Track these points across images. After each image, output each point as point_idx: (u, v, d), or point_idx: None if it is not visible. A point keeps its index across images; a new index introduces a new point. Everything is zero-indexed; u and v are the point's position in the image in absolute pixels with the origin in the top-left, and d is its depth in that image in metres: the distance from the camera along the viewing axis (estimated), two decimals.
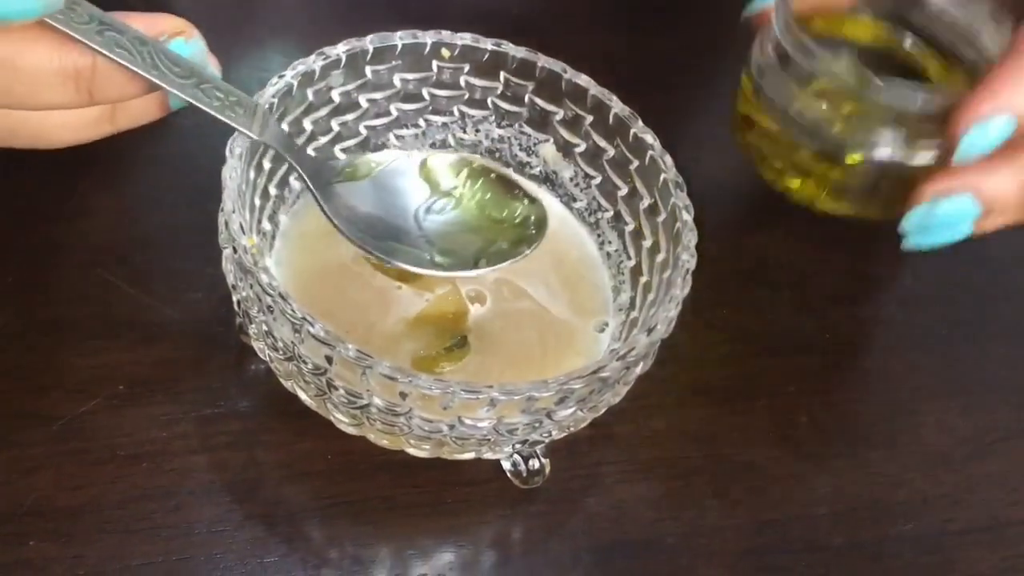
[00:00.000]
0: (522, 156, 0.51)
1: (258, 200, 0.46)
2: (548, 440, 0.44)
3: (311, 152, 0.48)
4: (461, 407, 0.40)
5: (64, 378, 0.46)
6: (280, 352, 0.42)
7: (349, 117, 0.49)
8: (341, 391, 0.41)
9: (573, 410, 0.42)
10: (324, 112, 0.48)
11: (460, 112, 0.50)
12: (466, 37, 0.48)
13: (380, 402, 0.40)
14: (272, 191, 0.47)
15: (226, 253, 0.43)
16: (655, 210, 0.47)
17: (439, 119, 0.50)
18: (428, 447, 0.43)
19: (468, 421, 0.41)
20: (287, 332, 0.40)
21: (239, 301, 0.43)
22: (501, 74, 0.49)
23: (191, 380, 0.47)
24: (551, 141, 0.50)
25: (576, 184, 0.50)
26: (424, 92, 0.50)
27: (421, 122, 0.50)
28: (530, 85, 0.49)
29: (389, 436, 0.43)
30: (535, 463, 0.45)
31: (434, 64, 0.49)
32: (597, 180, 0.50)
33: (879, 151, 0.50)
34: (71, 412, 0.45)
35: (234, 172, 0.42)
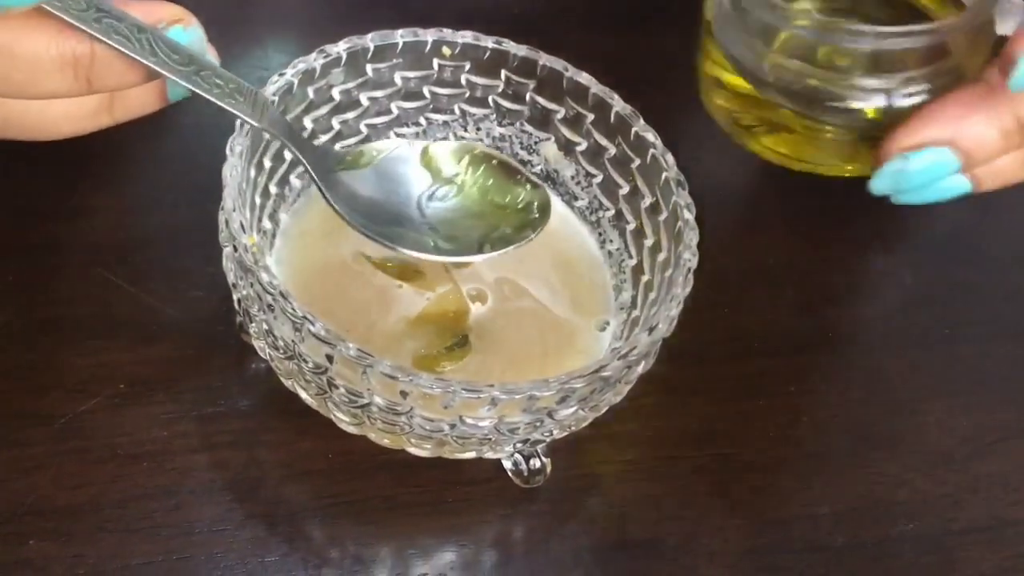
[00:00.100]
0: (523, 154, 0.51)
1: (258, 198, 0.46)
2: (549, 439, 0.44)
3: None
4: (462, 406, 0.40)
5: (64, 377, 0.46)
6: (281, 351, 0.42)
7: (350, 115, 0.49)
8: (342, 390, 0.41)
9: (574, 409, 0.42)
10: (325, 110, 0.48)
11: (461, 110, 0.50)
12: (467, 35, 0.48)
13: (381, 401, 0.40)
14: (273, 189, 0.47)
15: (226, 252, 0.43)
16: (656, 209, 0.47)
17: (440, 117, 0.50)
18: (429, 446, 0.43)
19: (469, 420, 0.40)
20: (288, 331, 0.40)
21: (239, 300, 0.43)
22: (502, 72, 0.49)
23: (191, 379, 0.46)
24: (552, 139, 0.50)
25: (577, 183, 0.50)
26: (425, 90, 0.50)
27: (422, 120, 0.50)
28: (531, 83, 0.49)
29: (390, 435, 0.43)
30: (536, 462, 0.45)
31: (435, 62, 0.49)
32: (598, 179, 0.49)
33: (861, 100, 0.48)
34: (71, 411, 0.45)
35: (234, 170, 0.42)
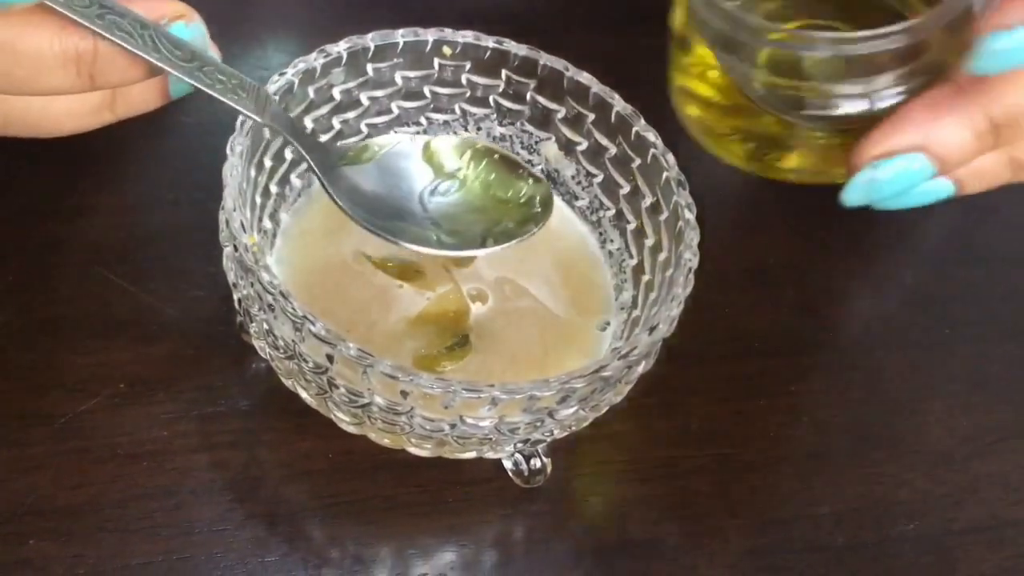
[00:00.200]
0: (524, 154, 0.50)
1: (259, 198, 0.46)
2: (550, 439, 0.44)
3: None
4: (462, 406, 0.40)
5: (64, 377, 0.46)
6: (281, 351, 0.42)
7: (350, 115, 0.49)
8: (342, 390, 0.41)
9: (575, 409, 0.42)
10: (325, 110, 0.48)
11: (461, 110, 0.50)
12: (468, 35, 0.48)
13: (381, 401, 0.40)
14: (273, 189, 0.47)
15: (227, 251, 0.43)
16: (657, 208, 0.47)
17: (440, 117, 0.50)
18: (429, 446, 0.43)
19: (469, 420, 0.40)
20: (288, 331, 0.40)
21: (240, 299, 0.43)
22: (503, 72, 0.49)
23: (192, 379, 0.46)
24: (553, 139, 0.50)
25: (578, 182, 0.50)
26: (425, 90, 0.49)
27: (422, 120, 0.50)
28: (532, 83, 0.49)
29: (390, 435, 0.43)
30: (536, 462, 0.45)
31: (435, 62, 0.49)
32: (599, 178, 0.49)
33: (839, 106, 0.47)
34: (71, 411, 0.45)
35: (235, 170, 0.42)
